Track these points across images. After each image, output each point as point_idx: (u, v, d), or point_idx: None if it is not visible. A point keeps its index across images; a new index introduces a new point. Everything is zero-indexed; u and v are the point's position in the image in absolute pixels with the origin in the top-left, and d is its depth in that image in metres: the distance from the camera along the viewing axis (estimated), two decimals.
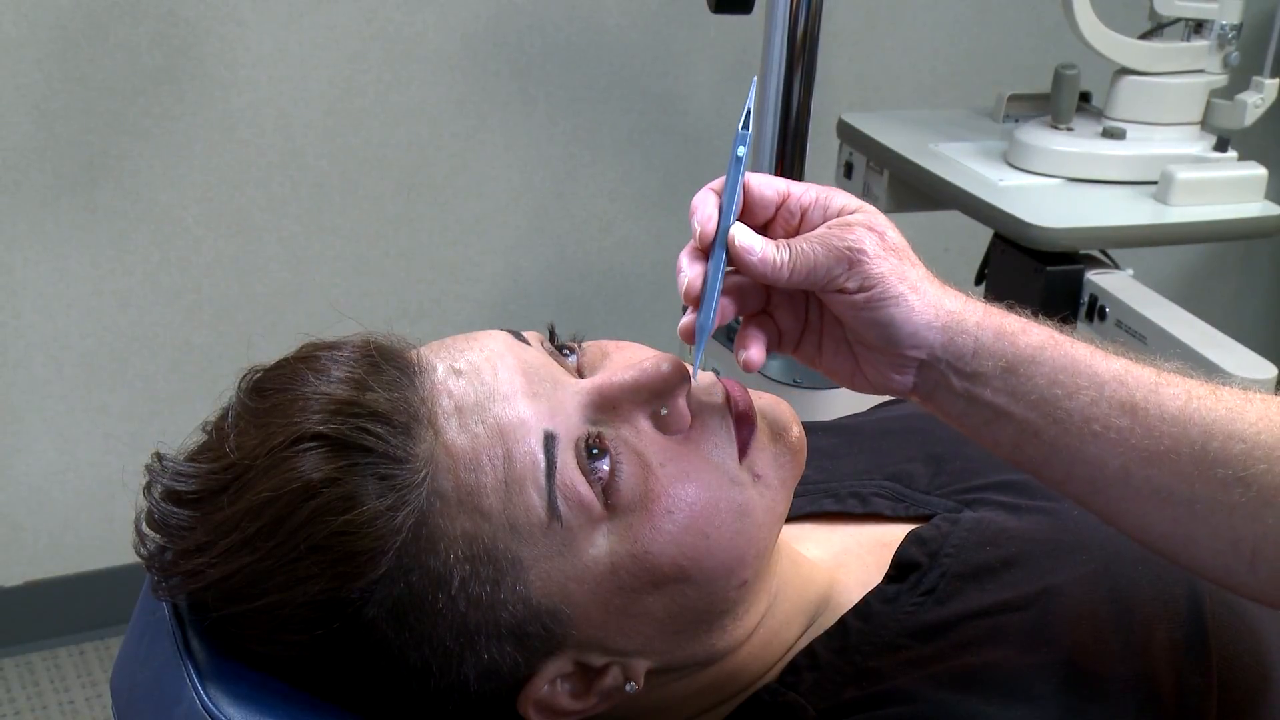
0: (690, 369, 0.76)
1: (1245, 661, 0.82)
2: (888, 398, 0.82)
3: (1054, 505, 0.88)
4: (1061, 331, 0.75)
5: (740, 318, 0.77)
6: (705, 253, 0.73)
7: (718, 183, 0.75)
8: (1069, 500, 0.77)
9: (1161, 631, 0.81)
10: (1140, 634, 0.81)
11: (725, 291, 0.74)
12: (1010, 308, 0.75)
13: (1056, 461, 0.74)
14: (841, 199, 0.75)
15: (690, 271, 0.73)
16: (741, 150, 0.74)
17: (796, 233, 0.74)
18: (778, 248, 0.72)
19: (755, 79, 0.80)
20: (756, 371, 0.76)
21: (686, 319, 0.74)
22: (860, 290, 0.72)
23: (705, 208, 0.73)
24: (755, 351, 0.74)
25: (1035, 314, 0.76)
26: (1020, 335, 0.73)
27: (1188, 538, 0.73)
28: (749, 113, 0.75)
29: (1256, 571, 0.71)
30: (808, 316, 0.77)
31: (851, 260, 0.71)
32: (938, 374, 0.74)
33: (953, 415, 0.76)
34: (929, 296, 0.73)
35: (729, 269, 0.73)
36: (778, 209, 0.75)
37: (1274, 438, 0.71)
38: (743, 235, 0.73)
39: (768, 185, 0.75)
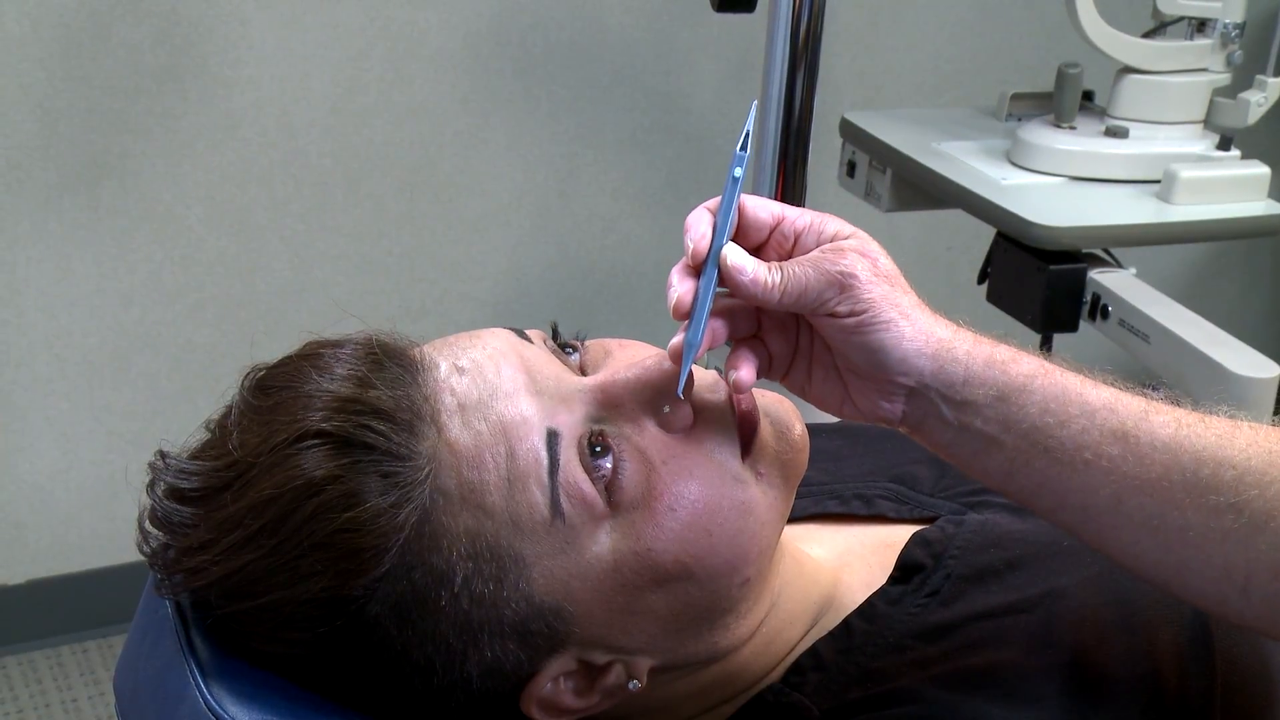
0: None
1: (1249, 664, 0.82)
2: None
3: None
4: (1049, 360, 0.75)
5: (730, 341, 0.76)
6: (697, 271, 0.73)
7: (713, 202, 0.74)
8: (1060, 529, 0.77)
9: (1165, 634, 0.81)
10: (1144, 636, 0.81)
11: (716, 314, 0.74)
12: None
13: (1047, 490, 0.74)
14: (835, 225, 0.75)
15: (680, 287, 0.72)
16: (738, 171, 0.73)
17: (789, 257, 0.74)
18: (769, 269, 0.72)
19: (755, 102, 0.79)
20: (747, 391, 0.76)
21: (676, 338, 0.73)
22: (851, 314, 0.72)
23: (699, 226, 0.73)
24: (746, 371, 0.74)
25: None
26: (1011, 364, 0.73)
27: (1180, 565, 0.73)
28: (748, 135, 0.74)
29: (1249, 598, 0.71)
30: (798, 343, 0.77)
31: (843, 284, 0.71)
32: (927, 402, 0.74)
33: (941, 445, 0.75)
34: (920, 323, 0.73)
35: (721, 290, 0.73)
36: (771, 232, 0.75)
37: (1263, 463, 0.70)
38: (735, 255, 0.72)
39: (762, 208, 0.75)
